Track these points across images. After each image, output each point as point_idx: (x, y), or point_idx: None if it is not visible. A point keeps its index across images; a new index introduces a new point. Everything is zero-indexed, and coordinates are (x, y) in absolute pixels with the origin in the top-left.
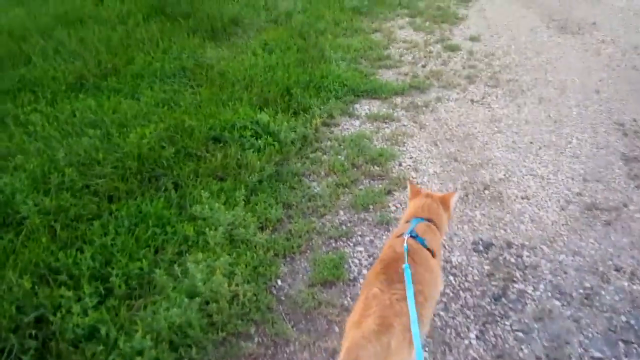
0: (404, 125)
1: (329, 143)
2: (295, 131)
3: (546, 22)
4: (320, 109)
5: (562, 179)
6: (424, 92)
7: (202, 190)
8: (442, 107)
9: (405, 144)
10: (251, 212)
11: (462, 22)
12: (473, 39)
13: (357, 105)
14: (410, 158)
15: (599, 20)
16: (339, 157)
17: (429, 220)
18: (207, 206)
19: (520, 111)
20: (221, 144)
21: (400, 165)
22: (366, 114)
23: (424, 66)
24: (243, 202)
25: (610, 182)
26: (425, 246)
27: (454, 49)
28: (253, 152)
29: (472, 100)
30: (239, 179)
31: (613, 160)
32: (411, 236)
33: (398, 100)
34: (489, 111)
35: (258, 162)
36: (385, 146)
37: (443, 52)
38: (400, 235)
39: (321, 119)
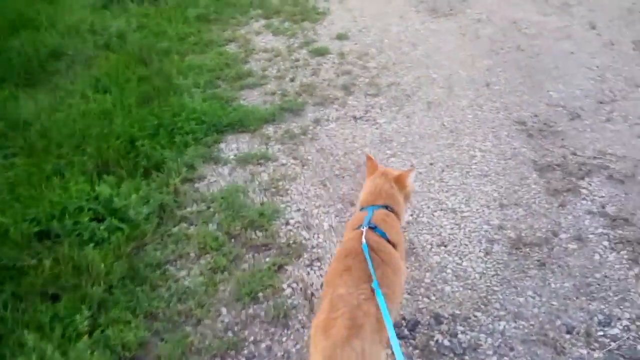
0: (283, 165)
1: (194, 207)
2: (148, 202)
3: (414, 6)
4: (177, 162)
5: (477, 209)
6: (299, 114)
7: (26, 330)
8: (322, 131)
9: (289, 192)
10: (101, 344)
11: (324, 18)
12: (341, 37)
13: (222, 146)
14: (298, 211)
15: None
16: (210, 226)
17: (386, 207)
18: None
19: (410, 123)
20: (50, 242)
21: (287, 224)
22: (235, 155)
23: (292, 80)
24: (87, 331)
25: (530, 203)
26: (386, 238)
27: (322, 52)
28: (94, 246)
29: (354, 117)
30: (79, 291)
31: (526, 173)
32: (370, 227)
33: (270, 130)
34: (376, 129)
35: (102, 263)
36: (265, 199)
37: (311, 59)
38: (358, 227)
39: (180, 176)
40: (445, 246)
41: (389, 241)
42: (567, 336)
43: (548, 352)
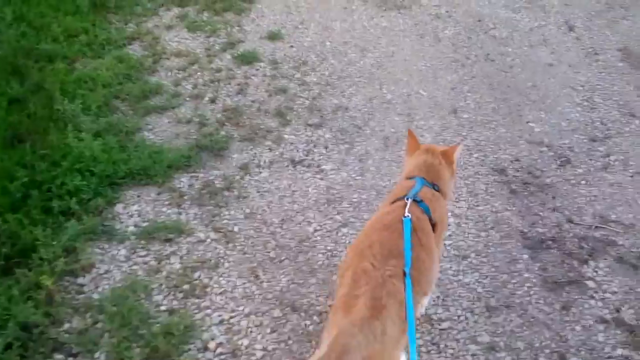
0: (201, 241)
1: (75, 324)
2: (5, 325)
3: None
4: (52, 249)
5: (459, 316)
6: (221, 156)
7: None
8: (252, 184)
9: (208, 290)
10: None
11: (252, 8)
12: (273, 36)
13: (119, 209)
14: (220, 324)
15: None
16: (95, 357)
17: (433, 184)
18: None
19: (363, 170)
20: None
21: (205, 349)
22: (136, 226)
23: (213, 100)
24: None
25: (526, 304)
26: (429, 216)
27: (250, 59)
28: None
29: (292, 161)
30: None
31: (514, 252)
32: (414, 200)
33: (184, 182)
34: (321, 179)
35: None
36: (175, 304)
37: (236, 68)
38: (398, 200)
39: (57, 272)
40: None
41: (430, 220)
42: None
43: None
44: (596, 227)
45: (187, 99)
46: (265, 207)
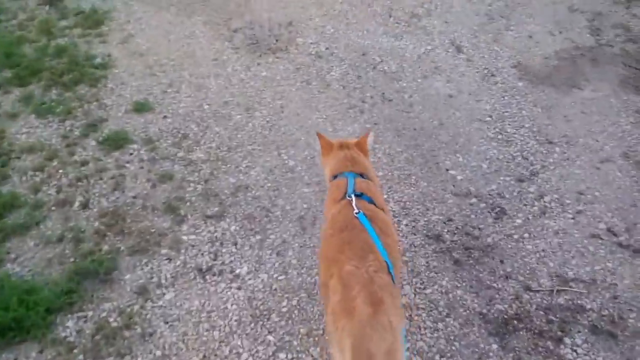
0: None
1: None
2: None
3: (228, 39)
4: None
5: None
6: (110, 281)
7: None
8: (157, 314)
9: None
10: None
11: (108, 76)
12: (140, 107)
13: None
14: None
15: (295, 20)
16: None
17: (361, 175)
18: None
19: (285, 267)
20: None
21: None
22: None
23: (84, 205)
24: None
25: None
26: (374, 205)
27: (119, 142)
28: None
29: (200, 270)
30: None
31: (481, 343)
32: (356, 195)
33: (70, 327)
34: (238, 288)
35: None
36: None
37: (105, 157)
38: (342, 199)
39: None
40: None
41: (376, 207)
42: None
43: None
44: (557, 290)
45: (53, 208)
46: (180, 343)
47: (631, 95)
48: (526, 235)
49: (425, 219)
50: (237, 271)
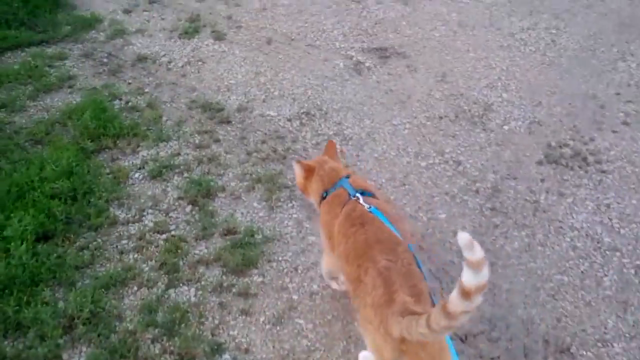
0: None
1: None
2: None
3: None
4: None
5: None
6: None
7: None
8: None
9: None
10: None
11: None
12: None
13: None
14: None
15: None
16: None
17: (347, 176)
18: None
19: None
20: None
21: None
22: None
23: None
24: None
25: None
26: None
27: None
28: None
29: None
30: None
31: None
32: (360, 194)
33: None
34: None
35: None
36: None
37: None
38: (345, 205)
39: None
40: None
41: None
42: None
43: None
44: None
45: None
46: None
47: None
48: None
49: None
50: None
